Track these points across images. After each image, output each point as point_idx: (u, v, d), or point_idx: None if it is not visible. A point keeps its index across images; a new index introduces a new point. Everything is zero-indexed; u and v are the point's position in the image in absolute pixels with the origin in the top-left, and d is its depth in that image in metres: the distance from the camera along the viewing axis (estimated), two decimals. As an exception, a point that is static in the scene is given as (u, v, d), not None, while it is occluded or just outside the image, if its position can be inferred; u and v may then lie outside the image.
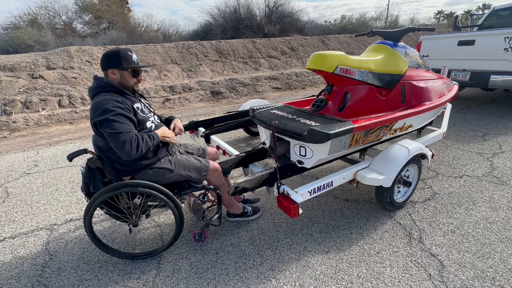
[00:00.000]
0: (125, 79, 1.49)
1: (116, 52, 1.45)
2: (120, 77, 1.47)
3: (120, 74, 1.47)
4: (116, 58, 1.44)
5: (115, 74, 1.46)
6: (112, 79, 1.47)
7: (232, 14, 11.78)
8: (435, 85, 2.37)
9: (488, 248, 1.67)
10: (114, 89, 1.45)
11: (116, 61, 1.44)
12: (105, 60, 1.46)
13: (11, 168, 3.09)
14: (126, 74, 1.48)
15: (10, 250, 1.81)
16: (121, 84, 1.49)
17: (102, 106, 1.35)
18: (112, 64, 1.45)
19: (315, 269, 1.56)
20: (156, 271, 1.58)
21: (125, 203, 1.50)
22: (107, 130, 1.32)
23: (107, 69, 1.46)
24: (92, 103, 1.40)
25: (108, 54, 1.46)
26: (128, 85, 1.51)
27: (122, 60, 1.45)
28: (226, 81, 7.06)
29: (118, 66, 1.45)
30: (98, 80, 1.47)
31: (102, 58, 1.47)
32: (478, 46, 4.13)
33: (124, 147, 1.33)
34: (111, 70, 1.45)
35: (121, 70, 1.46)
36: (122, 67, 1.45)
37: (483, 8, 35.27)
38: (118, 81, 1.48)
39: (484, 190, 2.29)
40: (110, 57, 1.45)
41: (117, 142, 1.33)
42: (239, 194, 1.67)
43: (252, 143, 3.53)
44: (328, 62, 1.81)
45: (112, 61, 1.45)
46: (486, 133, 3.54)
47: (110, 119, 1.33)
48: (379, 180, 1.76)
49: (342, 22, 15.43)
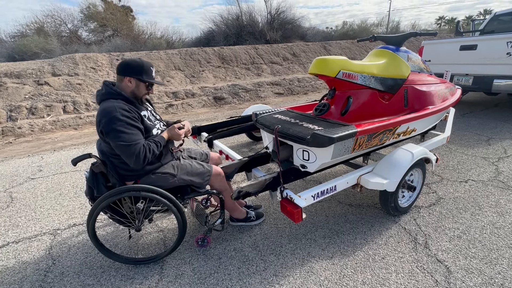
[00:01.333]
0: (139, 90, 1.51)
1: (141, 63, 1.49)
2: (135, 86, 1.49)
3: (136, 84, 1.49)
4: (139, 68, 1.47)
5: (131, 82, 1.48)
6: (126, 86, 1.49)
7: (235, 21, 11.93)
8: (438, 90, 2.37)
9: (495, 254, 1.64)
10: (123, 98, 1.45)
11: (138, 71, 1.47)
12: (127, 67, 1.47)
13: (15, 173, 3.11)
14: (142, 86, 1.52)
15: (14, 254, 1.81)
16: (133, 93, 1.51)
17: (110, 114, 1.35)
18: (132, 73, 1.47)
19: (319, 275, 1.54)
20: (159, 276, 1.57)
21: (128, 208, 1.51)
22: (115, 141, 1.35)
23: (125, 76, 1.47)
24: (99, 108, 1.41)
25: (132, 63, 1.48)
26: (140, 95, 1.54)
27: (143, 72, 1.48)
28: (228, 87, 7.11)
29: (137, 77, 1.47)
30: (108, 86, 1.46)
31: (124, 64, 1.47)
32: (481, 51, 4.13)
33: (132, 158, 1.38)
34: (129, 78, 1.47)
35: (138, 81, 1.49)
36: (141, 79, 1.48)
37: (484, 13, 35.41)
38: (132, 89, 1.49)
39: (490, 195, 2.26)
40: (133, 66, 1.47)
41: (126, 154, 1.37)
42: (242, 198, 1.66)
43: (255, 148, 3.53)
44: (330, 67, 1.82)
45: (134, 70, 1.47)
46: (491, 138, 3.52)
47: (118, 129, 1.34)
48: (383, 184, 1.74)
49: (344, 28, 15.55)
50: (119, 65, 1.48)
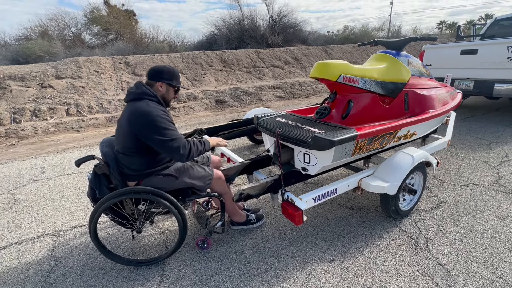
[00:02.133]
0: (168, 94, 1.62)
1: (172, 70, 1.60)
2: (166, 91, 1.59)
3: (166, 89, 1.59)
4: (170, 74, 1.59)
5: (162, 87, 1.57)
6: (157, 90, 1.57)
7: (237, 25, 12.03)
8: (439, 93, 2.38)
9: (497, 257, 1.64)
10: (157, 100, 1.53)
11: (171, 77, 1.59)
12: (159, 73, 1.56)
13: (19, 175, 3.14)
14: (171, 91, 1.62)
15: (16, 255, 1.82)
16: (163, 97, 1.60)
17: (151, 113, 1.41)
18: (164, 78, 1.56)
19: (320, 278, 1.54)
20: (160, 278, 1.58)
21: (129, 209, 1.52)
22: (159, 138, 1.40)
23: (157, 81, 1.55)
24: (132, 107, 1.45)
25: (164, 69, 1.58)
26: (168, 99, 1.64)
27: (173, 78, 1.60)
28: (230, 90, 7.15)
29: (168, 82, 1.57)
30: (144, 87, 1.52)
31: (156, 70, 1.56)
32: (481, 55, 4.15)
33: (178, 152, 1.45)
34: (161, 83, 1.56)
35: (169, 86, 1.59)
36: (171, 84, 1.59)
37: (485, 18, 35.49)
38: (162, 94, 1.59)
39: (491, 199, 2.26)
40: (165, 72, 1.57)
41: (171, 148, 1.43)
42: (243, 200, 1.68)
43: (256, 151, 3.55)
44: (331, 71, 1.84)
45: (165, 76, 1.57)
46: (492, 142, 3.52)
47: (163, 126, 1.42)
48: (384, 187, 1.75)
49: (345, 33, 15.64)
50: (151, 71, 1.58)
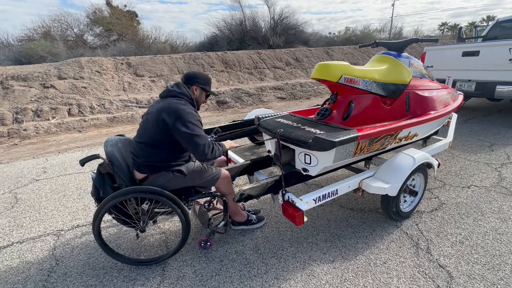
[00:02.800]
0: (200, 98, 1.74)
1: (206, 76, 1.76)
2: (199, 95, 1.72)
3: (200, 93, 1.72)
4: (206, 80, 1.74)
5: (197, 91, 1.70)
6: (192, 94, 1.69)
7: (238, 26, 12.06)
8: (440, 95, 2.38)
9: (498, 259, 1.63)
10: (191, 102, 1.65)
11: (205, 82, 1.73)
12: (195, 77, 1.70)
13: (20, 175, 3.15)
14: (203, 95, 1.76)
15: (18, 255, 1.83)
16: (196, 100, 1.72)
17: (186, 110, 1.51)
18: (199, 83, 1.70)
19: (320, 279, 1.54)
20: (160, 278, 1.58)
21: (133, 209, 1.53)
22: (188, 131, 1.48)
23: (192, 84, 1.69)
24: (169, 101, 1.54)
25: (200, 75, 1.73)
26: (200, 103, 1.76)
27: (207, 84, 1.74)
28: (231, 91, 7.16)
29: (202, 86, 1.71)
30: (184, 88, 1.64)
31: (192, 75, 1.70)
32: (483, 57, 4.15)
33: (203, 149, 1.51)
34: (196, 86, 1.69)
35: (202, 90, 1.73)
36: (204, 88, 1.73)
37: (487, 19, 35.43)
38: (196, 97, 1.71)
39: (493, 201, 2.25)
40: (200, 77, 1.72)
41: (196, 143, 1.50)
42: (244, 201, 1.68)
43: (257, 152, 3.55)
44: (332, 72, 1.85)
45: (202, 81, 1.71)
46: (494, 143, 3.51)
47: (193, 122, 1.51)
48: (385, 189, 1.75)
49: (346, 34, 15.64)
50: (187, 75, 1.71)
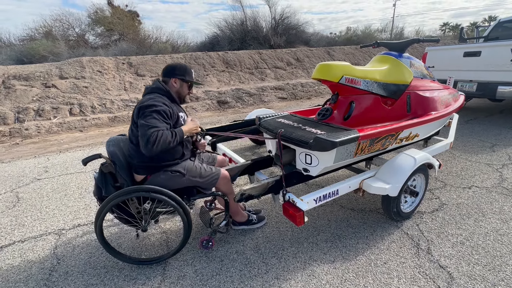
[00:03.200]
0: (182, 90, 1.69)
1: (184, 66, 1.68)
2: (179, 86, 1.67)
3: (180, 84, 1.67)
4: (183, 70, 1.67)
5: (176, 83, 1.66)
6: (172, 87, 1.65)
7: (239, 26, 12.06)
8: (441, 95, 2.38)
9: (499, 260, 1.63)
10: (169, 96, 1.61)
11: (183, 73, 1.66)
12: (172, 70, 1.65)
13: (22, 174, 3.17)
14: (185, 86, 1.70)
15: (19, 253, 1.84)
16: (178, 92, 1.68)
17: (149, 101, 1.48)
18: (177, 75, 1.65)
19: (320, 279, 1.54)
20: (161, 277, 1.59)
21: (135, 208, 1.53)
22: (141, 120, 1.44)
23: (171, 77, 1.64)
24: (142, 100, 1.53)
25: (177, 66, 1.67)
26: (183, 95, 1.72)
27: (186, 74, 1.67)
28: (232, 91, 7.16)
29: (181, 78, 1.65)
30: (160, 83, 1.61)
31: (170, 68, 1.65)
32: (485, 57, 4.14)
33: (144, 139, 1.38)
34: (174, 79, 1.65)
35: (182, 82, 1.67)
36: (184, 79, 1.67)
37: (489, 20, 35.30)
38: (177, 90, 1.67)
39: (494, 202, 2.24)
40: (178, 68, 1.66)
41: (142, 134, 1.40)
42: (245, 201, 1.68)
43: (257, 152, 3.55)
44: (333, 72, 1.85)
45: (178, 72, 1.65)
46: (495, 144, 3.50)
47: (150, 114, 1.44)
48: (386, 189, 1.75)
49: (348, 34, 15.62)
50: (164, 69, 1.66)
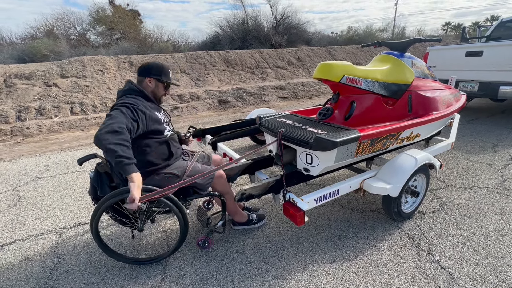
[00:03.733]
0: (158, 90, 1.65)
1: (160, 65, 1.64)
2: (154, 86, 1.63)
3: (155, 84, 1.63)
4: (158, 70, 1.62)
5: (151, 82, 1.62)
6: (147, 86, 1.62)
7: (240, 25, 12.05)
8: (443, 95, 2.37)
9: (500, 261, 1.62)
10: (143, 95, 1.57)
11: (157, 72, 1.62)
12: (147, 69, 1.60)
13: (23, 172, 3.17)
14: (161, 86, 1.66)
15: (20, 252, 1.84)
16: (153, 92, 1.64)
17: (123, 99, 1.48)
18: (153, 74, 1.61)
19: (321, 279, 1.54)
20: (161, 276, 1.59)
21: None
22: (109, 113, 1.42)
23: (145, 77, 1.60)
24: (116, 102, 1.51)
25: (153, 65, 1.62)
26: (158, 95, 1.67)
27: (162, 73, 1.63)
28: (233, 90, 7.16)
29: (156, 77, 1.61)
30: (132, 84, 1.58)
31: (145, 66, 1.61)
32: (487, 57, 4.12)
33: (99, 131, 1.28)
34: (149, 78, 1.61)
35: (157, 81, 1.63)
36: (160, 79, 1.62)
37: (491, 19, 35.14)
38: (152, 89, 1.63)
39: (495, 202, 2.24)
40: (153, 68, 1.61)
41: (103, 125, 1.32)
42: (245, 200, 1.68)
43: (258, 151, 3.55)
44: (334, 72, 1.84)
45: (153, 72, 1.61)
46: (497, 144, 3.48)
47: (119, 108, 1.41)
48: (386, 189, 1.74)
49: (349, 34, 15.58)
50: (140, 67, 1.62)
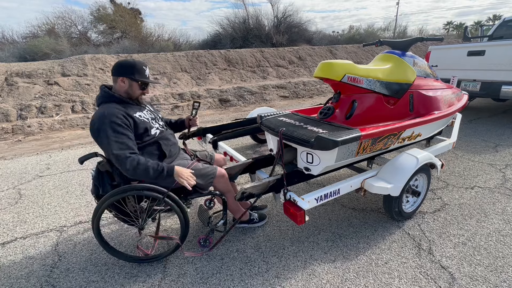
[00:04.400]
0: (132, 89, 1.54)
1: (132, 63, 1.51)
2: (128, 86, 1.52)
3: (129, 84, 1.52)
4: (130, 68, 1.50)
5: (124, 82, 1.51)
6: (120, 87, 1.52)
7: (241, 24, 12.02)
8: (444, 95, 2.35)
9: (501, 261, 1.62)
10: (115, 99, 1.49)
11: (130, 71, 1.50)
12: (119, 68, 1.50)
13: (24, 171, 3.18)
14: (135, 85, 1.53)
15: (21, 250, 1.85)
16: (127, 93, 1.54)
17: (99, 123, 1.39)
18: (124, 73, 1.50)
19: (321, 278, 1.54)
20: (162, 275, 1.59)
21: (132, 207, 1.53)
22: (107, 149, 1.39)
23: (118, 76, 1.50)
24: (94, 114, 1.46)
25: (123, 63, 1.51)
26: (134, 95, 1.56)
27: (135, 72, 1.51)
28: (234, 89, 7.15)
29: (129, 76, 1.50)
30: (103, 90, 1.52)
31: (116, 65, 1.51)
32: (489, 57, 4.10)
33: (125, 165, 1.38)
34: (122, 78, 1.50)
35: (131, 80, 1.51)
36: (133, 78, 1.50)
37: (493, 19, 34.98)
38: (125, 90, 1.52)
39: (497, 202, 2.23)
40: (124, 66, 1.50)
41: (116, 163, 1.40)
42: (245, 199, 1.67)
43: (259, 150, 3.55)
44: (335, 71, 1.83)
45: (125, 71, 1.50)
46: (498, 144, 3.47)
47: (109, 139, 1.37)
48: (387, 189, 1.74)
49: (350, 33, 15.52)
50: (113, 66, 1.52)
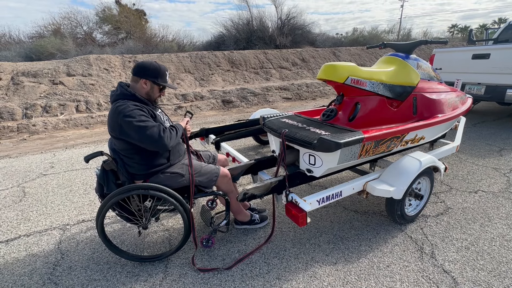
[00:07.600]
0: (153, 92, 1.58)
1: (157, 67, 1.55)
2: (150, 88, 1.56)
3: (151, 86, 1.56)
4: (155, 72, 1.54)
5: (146, 84, 1.54)
6: (141, 88, 1.55)
7: (245, 25, 12.07)
8: (448, 98, 2.34)
9: (504, 267, 1.60)
10: (136, 99, 1.52)
11: (154, 75, 1.54)
12: (144, 70, 1.53)
13: (28, 169, 3.21)
14: (156, 89, 1.59)
15: (24, 247, 1.86)
16: (148, 94, 1.57)
17: (124, 111, 1.40)
18: (149, 76, 1.53)
19: (322, 280, 1.53)
20: (163, 274, 1.59)
21: (136, 206, 1.54)
22: (136, 133, 1.39)
23: (141, 78, 1.53)
24: (112, 108, 1.46)
25: (149, 66, 1.54)
26: (153, 97, 1.61)
27: (159, 76, 1.55)
28: (237, 91, 7.17)
29: (152, 80, 1.54)
30: (123, 88, 1.52)
31: (140, 66, 1.53)
32: (494, 60, 4.07)
33: (157, 139, 1.41)
34: (145, 80, 1.53)
35: (153, 84, 1.56)
36: (156, 82, 1.55)
37: (499, 22, 34.74)
38: (146, 91, 1.56)
39: (501, 207, 2.21)
40: (149, 69, 1.53)
41: (149, 138, 1.40)
42: (247, 200, 1.68)
43: (261, 151, 3.55)
44: (339, 73, 1.83)
45: (150, 73, 1.53)
46: (503, 148, 3.44)
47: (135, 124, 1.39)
48: (390, 191, 1.73)
49: (354, 35, 15.51)
50: (136, 67, 1.54)
